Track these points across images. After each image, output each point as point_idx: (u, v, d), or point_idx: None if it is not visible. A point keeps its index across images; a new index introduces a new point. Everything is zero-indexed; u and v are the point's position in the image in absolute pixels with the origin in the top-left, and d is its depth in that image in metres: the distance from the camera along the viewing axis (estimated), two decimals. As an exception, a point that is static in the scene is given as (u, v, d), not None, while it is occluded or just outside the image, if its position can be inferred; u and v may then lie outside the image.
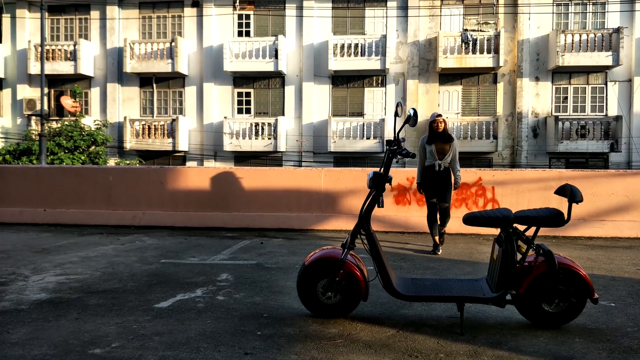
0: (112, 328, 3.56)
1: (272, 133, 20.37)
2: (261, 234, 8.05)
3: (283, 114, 21.05)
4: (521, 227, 3.66)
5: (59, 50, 21.64)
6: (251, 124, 20.50)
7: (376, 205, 3.70)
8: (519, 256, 3.58)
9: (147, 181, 8.91)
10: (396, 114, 3.77)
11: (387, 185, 3.72)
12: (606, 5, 19.54)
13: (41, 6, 17.80)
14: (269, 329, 3.53)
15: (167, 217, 8.75)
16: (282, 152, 20.73)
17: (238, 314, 3.86)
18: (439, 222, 6.51)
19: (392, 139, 3.75)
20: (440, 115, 6.37)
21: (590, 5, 19.67)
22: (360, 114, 20.69)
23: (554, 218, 3.47)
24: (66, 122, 20.17)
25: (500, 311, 3.94)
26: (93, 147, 19.84)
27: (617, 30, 18.55)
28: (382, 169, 3.72)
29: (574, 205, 3.45)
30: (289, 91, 21.14)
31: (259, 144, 20.39)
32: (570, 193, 3.46)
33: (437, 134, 6.39)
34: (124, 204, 8.93)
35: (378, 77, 20.66)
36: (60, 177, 9.12)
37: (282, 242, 7.37)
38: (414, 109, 3.68)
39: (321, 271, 3.71)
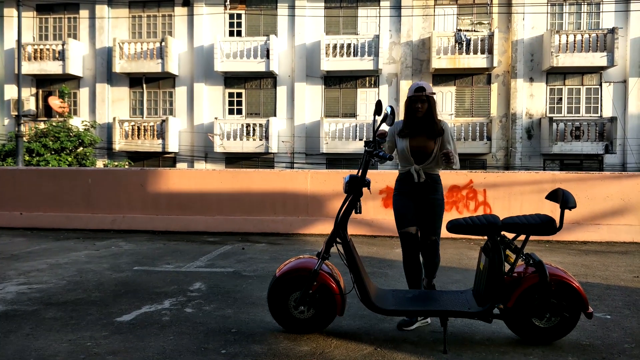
0: (64, 346, 3.25)
1: (264, 134, 20.07)
2: (244, 239, 7.75)
3: (275, 115, 20.76)
4: (510, 235, 3.39)
5: (47, 49, 21.28)
6: (242, 125, 20.20)
7: (353, 211, 3.41)
8: (507, 267, 3.30)
9: (127, 183, 8.60)
10: (375, 113, 3.48)
11: (365, 189, 3.41)
12: (601, 5, 19.34)
13: (18, 3, 17.41)
14: (235, 347, 3.24)
15: (147, 221, 8.44)
16: (273, 153, 20.43)
17: (204, 329, 3.57)
18: (423, 266, 3.84)
19: (371, 140, 3.46)
20: (423, 89, 3.68)
21: (585, 6, 19.47)
22: (353, 115, 20.41)
23: (544, 226, 3.19)
24: (54, 123, 19.81)
25: (487, 325, 3.65)
26: (81, 149, 19.48)
27: (612, 31, 18.34)
28: (360, 172, 3.43)
29: (568, 210, 3.18)
30: (281, 92, 20.85)
31: (251, 145, 20.08)
32: (562, 198, 3.18)
33: (415, 121, 3.75)
34: (104, 207, 8.61)
35: (371, 78, 20.39)
36: (38, 180, 8.79)
37: (265, 247, 7.07)
38: (391, 106, 3.38)
39: (293, 283, 3.41)
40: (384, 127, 3.59)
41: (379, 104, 3.40)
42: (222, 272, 5.43)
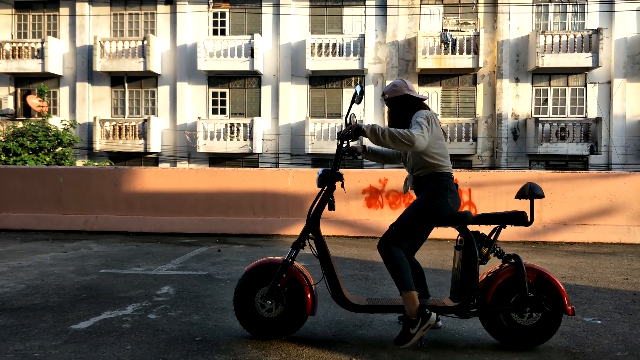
0: (9, 357, 2.95)
1: (248, 134, 19.76)
2: (222, 240, 7.46)
3: (259, 115, 20.47)
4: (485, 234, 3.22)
5: (26, 48, 20.79)
6: (226, 125, 19.87)
7: (327, 207, 3.17)
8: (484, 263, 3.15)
9: (100, 183, 8.26)
10: (353, 100, 3.26)
11: (338, 183, 3.19)
12: (586, 5, 19.36)
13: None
14: (198, 357, 2.96)
15: (121, 221, 8.11)
16: (258, 153, 20.13)
17: (166, 337, 3.28)
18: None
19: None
20: (383, 94, 3.39)
21: (570, 6, 19.47)
22: (339, 115, 20.19)
23: (515, 215, 3.10)
24: (32, 123, 19.29)
25: (470, 333, 3.42)
26: (59, 148, 18.98)
27: (597, 32, 18.35)
28: (333, 165, 3.19)
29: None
30: (266, 91, 20.57)
31: (234, 146, 19.76)
32: (529, 189, 3.10)
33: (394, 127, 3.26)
34: (76, 207, 8.26)
35: (357, 78, 20.19)
36: (5, 179, 8.41)
37: (243, 249, 6.79)
38: (360, 85, 3.18)
39: (262, 277, 3.20)
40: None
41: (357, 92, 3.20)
42: (193, 275, 5.14)
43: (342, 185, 3.24)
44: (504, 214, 3.15)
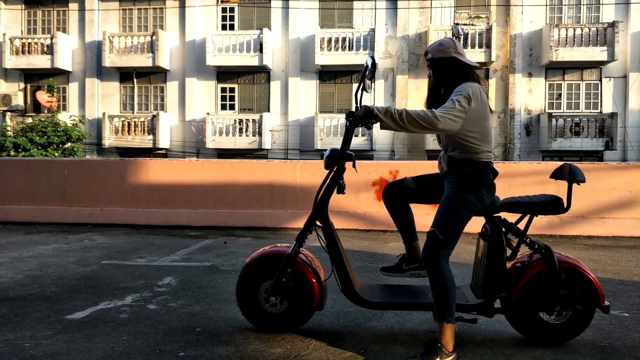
0: (-3, 347, 2.79)
1: (257, 130, 19.60)
2: (228, 233, 7.29)
3: (268, 110, 20.29)
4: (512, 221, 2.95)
5: (36, 43, 20.76)
6: (235, 121, 19.72)
7: (335, 191, 2.91)
8: (509, 253, 2.84)
9: (105, 175, 8.11)
10: (364, 75, 2.95)
11: (348, 164, 2.92)
12: (601, -2, 18.95)
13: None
14: (196, 349, 2.77)
15: (127, 214, 7.96)
16: (267, 149, 19.96)
17: (165, 328, 3.10)
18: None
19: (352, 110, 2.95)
20: (426, 53, 2.84)
21: (585, -1, 19.07)
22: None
23: (550, 204, 2.77)
24: (41, 118, 19.27)
25: (489, 325, 3.20)
26: (68, 144, 18.94)
27: (612, 25, 17.94)
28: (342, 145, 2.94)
29: (572, 201, 2.75)
30: (275, 87, 20.39)
31: (243, 141, 19.61)
32: (569, 172, 2.72)
33: (431, 97, 2.85)
34: (81, 200, 8.12)
35: (366, 73, 19.89)
36: (10, 171, 8.30)
37: (250, 241, 6.61)
38: (372, 57, 2.88)
39: (265, 270, 2.97)
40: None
41: (367, 69, 2.89)
42: (197, 266, 4.96)
43: (354, 165, 2.98)
44: (537, 201, 2.79)
